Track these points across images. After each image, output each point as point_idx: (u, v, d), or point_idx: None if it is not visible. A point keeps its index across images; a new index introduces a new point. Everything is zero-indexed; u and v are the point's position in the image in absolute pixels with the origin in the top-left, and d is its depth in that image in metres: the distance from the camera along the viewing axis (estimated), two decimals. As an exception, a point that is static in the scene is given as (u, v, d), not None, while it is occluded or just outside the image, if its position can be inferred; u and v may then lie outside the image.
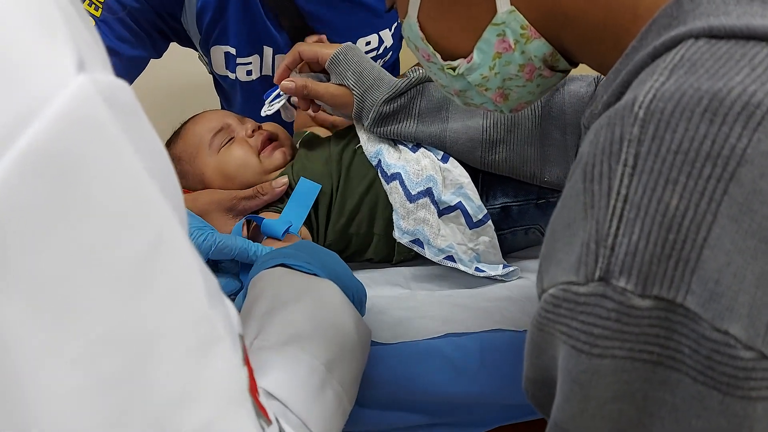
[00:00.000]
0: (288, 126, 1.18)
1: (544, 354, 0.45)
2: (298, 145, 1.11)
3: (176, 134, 1.11)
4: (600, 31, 0.55)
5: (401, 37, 1.37)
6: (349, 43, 1.04)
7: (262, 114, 1.06)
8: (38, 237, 0.30)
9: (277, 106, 1.05)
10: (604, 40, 0.55)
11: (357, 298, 0.74)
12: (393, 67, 1.41)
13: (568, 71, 0.64)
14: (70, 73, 0.31)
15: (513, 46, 0.60)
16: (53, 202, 0.30)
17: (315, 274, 0.68)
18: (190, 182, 1.06)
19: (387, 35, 1.26)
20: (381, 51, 1.27)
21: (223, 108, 1.44)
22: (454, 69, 0.64)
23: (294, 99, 1.06)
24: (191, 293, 0.36)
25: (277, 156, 1.06)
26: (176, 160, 1.07)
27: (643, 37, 0.49)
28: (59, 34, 0.32)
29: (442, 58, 0.65)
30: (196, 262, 0.37)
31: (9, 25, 0.31)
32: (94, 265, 0.32)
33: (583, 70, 0.71)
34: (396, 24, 1.27)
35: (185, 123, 1.12)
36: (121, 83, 0.35)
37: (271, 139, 1.08)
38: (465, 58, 0.63)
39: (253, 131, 1.06)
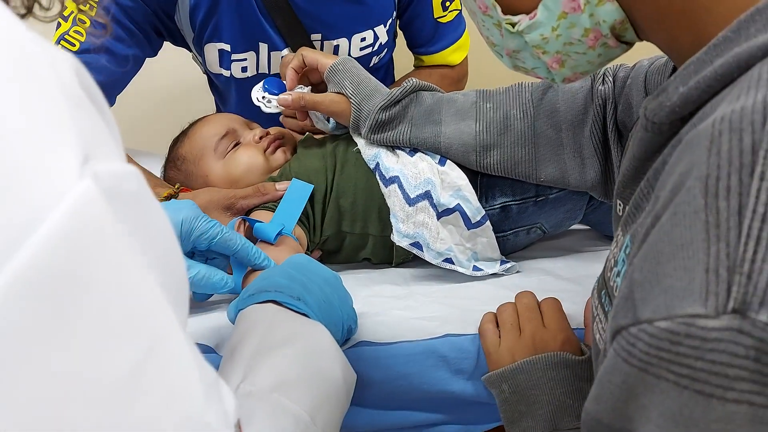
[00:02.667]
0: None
1: (635, 401, 0.39)
2: (297, 145, 1.12)
3: (183, 134, 1.13)
4: (679, 4, 0.49)
5: (395, 35, 1.37)
6: (348, 56, 1.06)
7: (254, 101, 1.07)
8: (27, 357, 0.30)
9: (274, 111, 1.07)
10: (682, 17, 0.49)
11: (347, 327, 0.74)
12: (387, 66, 1.41)
13: (633, 44, 0.59)
14: (72, 177, 0.30)
15: (582, 7, 0.54)
16: (44, 322, 0.30)
17: (306, 314, 0.67)
18: (194, 182, 1.08)
19: (382, 31, 1.26)
20: (376, 47, 1.28)
21: (217, 107, 1.44)
22: (513, 25, 0.59)
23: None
24: (185, 397, 0.36)
25: (278, 155, 1.09)
26: (182, 159, 1.10)
27: (742, 27, 0.44)
28: (63, 129, 0.31)
29: (502, 11, 0.59)
30: (193, 359, 0.37)
31: (8, 126, 0.30)
32: (84, 382, 0.31)
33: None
34: (390, 20, 1.27)
35: (193, 123, 1.14)
36: (129, 170, 0.34)
37: (276, 140, 1.10)
38: (528, 13, 0.57)
39: (261, 137, 1.09)
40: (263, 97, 1.08)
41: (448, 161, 0.97)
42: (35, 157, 0.30)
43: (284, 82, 1.06)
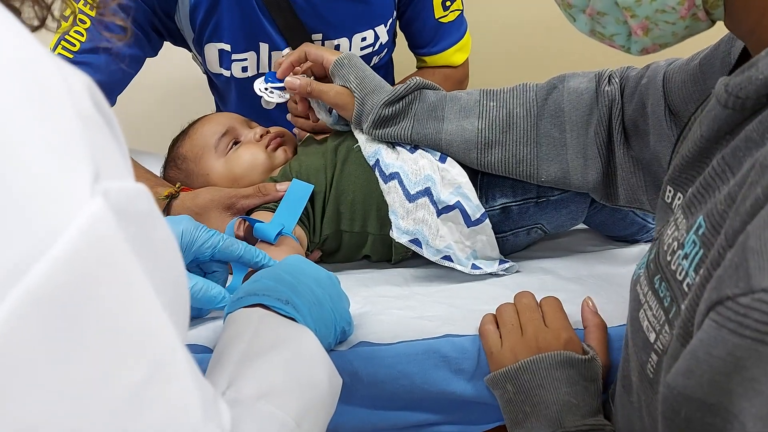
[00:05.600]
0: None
1: (741, 374, 0.38)
2: (297, 145, 1.13)
3: (184, 133, 1.14)
4: None
5: (395, 35, 1.37)
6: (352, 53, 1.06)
7: (257, 92, 1.08)
8: (36, 371, 0.30)
9: (277, 100, 1.07)
10: None
11: (339, 329, 0.74)
12: (387, 65, 1.42)
13: (714, 23, 0.58)
14: (83, 196, 0.31)
15: None
16: (54, 338, 0.30)
17: (293, 318, 0.67)
18: (195, 181, 1.08)
19: (382, 31, 1.27)
20: (377, 47, 1.28)
21: (218, 107, 1.45)
22: None
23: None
24: (185, 415, 0.37)
25: (280, 153, 1.09)
26: (182, 158, 1.10)
27: None
28: (75, 148, 0.32)
29: None
30: (193, 376, 0.38)
31: (22, 145, 0.30)
32: (88, 398, 0.32)
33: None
34: (391, 20, 1.27)
35: (193, 123, 1.15)
36: (138, 188, 0.35)
37: (277, 137, 1.11)
38: None
39: (261, 136, 1.09)
40: (266, 89, 1.08)
41: (449, 158, 0.98)
42: (49, 176, 0.31)
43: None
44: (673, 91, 0.80)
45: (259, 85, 1.08)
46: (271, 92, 1.07)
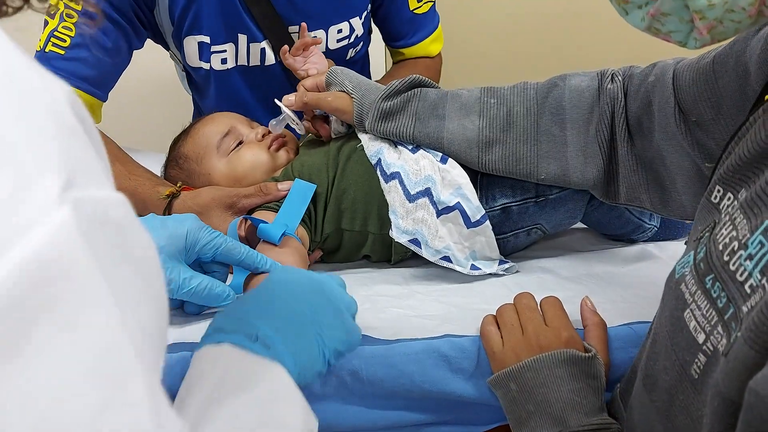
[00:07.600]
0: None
1: None
2: (300, 146, 1.13)
3: (185, 132, 1.13)
4: None
5: (371, 30, 1.39)
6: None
7: (278, 104, 1.09)
8: None
9: (294, 118, 1.08)
10: None
11: (331, 350, 0.67)
12: (363, 60, 1.44)
13: None
14: (50, 205, 0.30)
15: None
16: (3, 352, 0.29)
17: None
18: (197, 180, 1.08)
19: (357, 23, 1.29)
20: (352, 39, 1.31)
21: (195, 104, 1.43)
22: None
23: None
24: None
25: (282, 154, 1.10)
26: (184, 158, 1.10)
27: None
28: (48, 156, 0.31)
29: None
30: (151, 405, 0.35)
31: None
32: (38, 421, 0.30)
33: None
34: (365, 13, 1.29)
35: (195, 122, 1.14)
36: (114, 198, 0.34)
37: (279, 138, 1.11)
38: None
39: (263, 136, 1.09)
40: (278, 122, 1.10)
41: (450, 159, 0.98)
42: (15, 181, 0.30)
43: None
44: (683, 89, 0.80)
45: (281, 105, 1.09)
46: (279, 121, 1.09)
